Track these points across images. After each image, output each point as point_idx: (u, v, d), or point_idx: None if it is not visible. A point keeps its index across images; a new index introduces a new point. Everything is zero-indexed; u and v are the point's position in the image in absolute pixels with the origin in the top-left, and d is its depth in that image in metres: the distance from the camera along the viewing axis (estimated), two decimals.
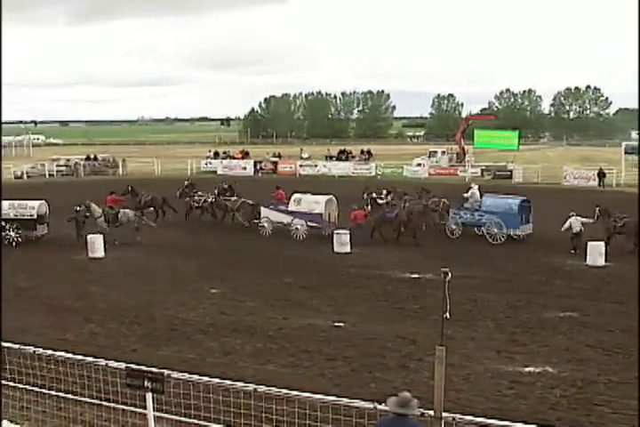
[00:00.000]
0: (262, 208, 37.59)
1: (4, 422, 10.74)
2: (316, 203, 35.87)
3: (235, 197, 40.55)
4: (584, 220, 31.13)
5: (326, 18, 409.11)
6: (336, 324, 20.14)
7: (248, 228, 37.13)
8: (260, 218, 37.09)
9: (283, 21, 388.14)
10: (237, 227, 37.70)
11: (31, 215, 33.86)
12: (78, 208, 34.06)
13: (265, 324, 20.27)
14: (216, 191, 42.31)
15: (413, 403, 8.82)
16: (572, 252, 30.23)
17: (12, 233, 33.04)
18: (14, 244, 32.86)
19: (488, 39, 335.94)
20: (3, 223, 33.00)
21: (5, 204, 33.63)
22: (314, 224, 35.22)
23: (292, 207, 36.26)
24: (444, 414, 9.11)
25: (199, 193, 41.87)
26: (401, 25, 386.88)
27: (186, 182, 45.29)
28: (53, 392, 13.21)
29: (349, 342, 18.49)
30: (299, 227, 35.31)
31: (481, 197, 35.53)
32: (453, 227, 34.95)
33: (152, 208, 40.48)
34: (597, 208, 32.05)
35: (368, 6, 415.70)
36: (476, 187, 37.01)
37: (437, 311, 20.17)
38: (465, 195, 36.24)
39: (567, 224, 30.91)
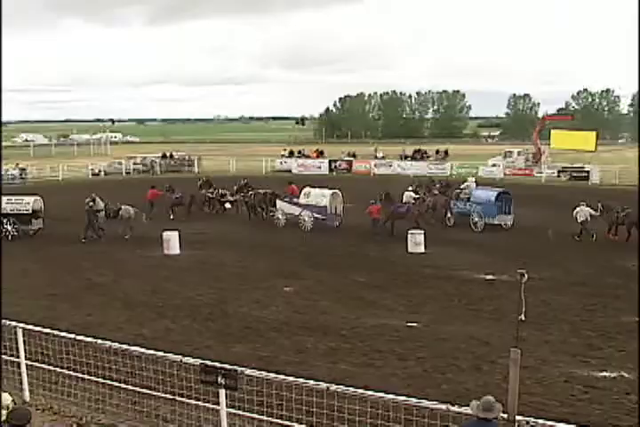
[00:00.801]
0: (278, 201, 39.79)
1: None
2: (322, 196, 38.17)
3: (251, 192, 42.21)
4: (592, 211, 33.49)
5: (402, 17, 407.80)
6: (409, 324, 20.04)
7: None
8: (275, 209, 39.46)
9: (359, 21, 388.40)
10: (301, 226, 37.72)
11: (27, 210, 34.92)
12: (91, 202, 34.78)
13: (338, 323, 20.26)
14: (235, 187, 44.35)
15: (497, 407, 8.74)
16: (577, 238, 33.06)
17: (8, 227, 34.29)
18: (10, 237, 33.92)
19: (566, 38, 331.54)
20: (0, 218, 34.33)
21: (4, 199, 34.88)
22: (319, 216, 37.41)
23: (301, 200, 38.58)
24: (517, 418, 9.02)
25: (220, 190, 43.62)
26: (477, 23, 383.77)
27: (200, 181, 46.70)
28: (129, 386, 13.41)
29: (422, 343, 18.38)
30: (306, 218, 37.48)
31: None
32: (449, 216, 38.19)
33: (181, 205, 42.39)
34: (600, 203, 34.11)
35: (443, 5, 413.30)
36: (473, 180, 42.10)
37: (511, 313, 19.98)
38: (461, 186, 40.42)
39: (574, 213, 33.57)
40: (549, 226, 33.55)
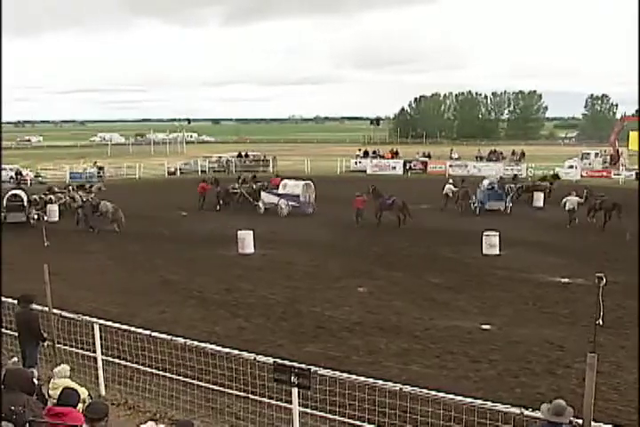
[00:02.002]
0: (262, 192, 44.95)
1: None
2: (295, 186, 43.39)
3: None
4: (579, 200, 38.26)
5: (478, 16, 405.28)
6: (482, 326, 19.89)
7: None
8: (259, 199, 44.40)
9: (434, 20, 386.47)
10: (381, 226, 37.64)
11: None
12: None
13: (411, 324, 20.19)
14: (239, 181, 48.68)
15: (568, 411, 8.62)
16: (567, 226, 37.05)
17: None
18: None
19: None
20: None
21: None
22: (294, 204, 42.59)
23: (280, 190, 43.83)
24: (592, 424, 8.89)
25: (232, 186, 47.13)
26: (554, 23, 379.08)
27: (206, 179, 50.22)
28: (202, 383, 13.54)
29: (495, 346, 18.22)
30: (282, 206, 42.59)
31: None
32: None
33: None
34: (585, 190, 39.98)
35: (519, 4, 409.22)
36: (489, 180, 45.60)
37: (587, 317, 19.84)
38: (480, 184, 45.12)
39: (562, 202, 38.42)
40: (627, 228, 33.04)
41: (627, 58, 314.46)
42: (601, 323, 19.55)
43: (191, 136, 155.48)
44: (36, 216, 36.69)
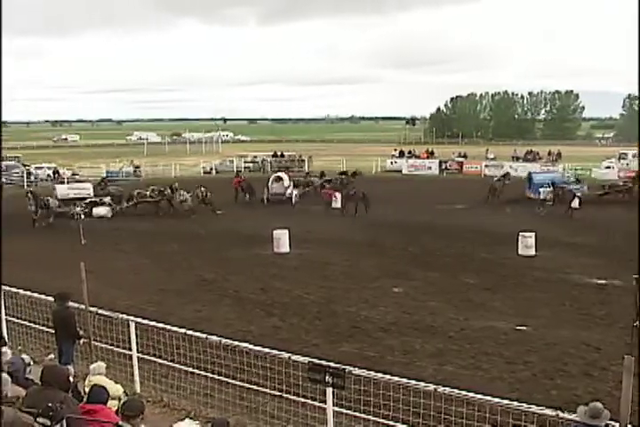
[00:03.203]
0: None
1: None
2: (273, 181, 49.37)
3: None
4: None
5: (515, 15, 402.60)
6: (518, 327, 19.77)
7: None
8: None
9: (470, 20, 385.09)
10: (416, 225, 37.53)
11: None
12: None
13: (446, 324, 20.12)
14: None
15: (605, 414, 8.55)
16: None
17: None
18: None
19: None
20: None
21: None
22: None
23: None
24: None
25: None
26: (592, 22, 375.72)
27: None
28: (236, 382, 13.58)
29: (531, 347, 18.10)
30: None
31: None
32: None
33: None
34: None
35: (557, 3, 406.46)
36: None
37: (624, 319, 19.70)
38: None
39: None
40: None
41: None
42: (638, 324, 19.43)
43: (227, 135, 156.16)
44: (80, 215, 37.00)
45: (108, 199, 42.54)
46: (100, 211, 41.14)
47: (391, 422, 11.66)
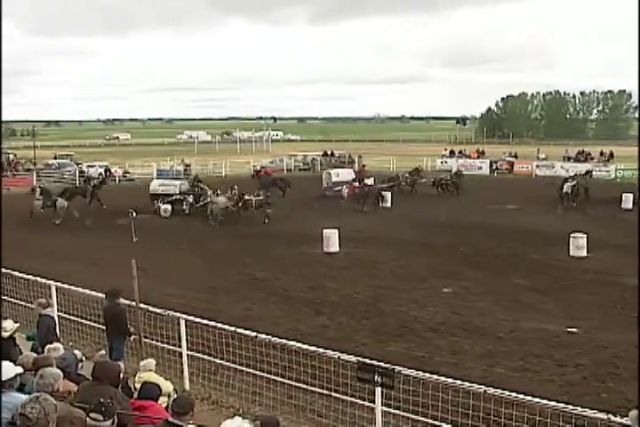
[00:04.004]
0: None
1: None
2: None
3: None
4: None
5: (566, 14, 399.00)
6: (569, 329, 19.59)
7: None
8: None
9: (522, 19, 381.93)
10: (467, 224, 37.34)
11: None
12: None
13: (495, 325, 20.00)
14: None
15: None
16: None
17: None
18: None
19: None
20: None
21: None
22: None
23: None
24: None
25: None
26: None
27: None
28: (285, 380, 13.61)
29: (581, 349, 17.93)
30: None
31: None
32: None
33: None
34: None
35: (610, 3, 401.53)
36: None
37: None
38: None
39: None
40: None
41: None
42: None
43: (277, 135, 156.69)
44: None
45: (190, 198, 42.51)
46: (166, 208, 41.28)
47: (440, 423, 11.60)
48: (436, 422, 11.63)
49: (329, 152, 77.63)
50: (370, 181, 51.24)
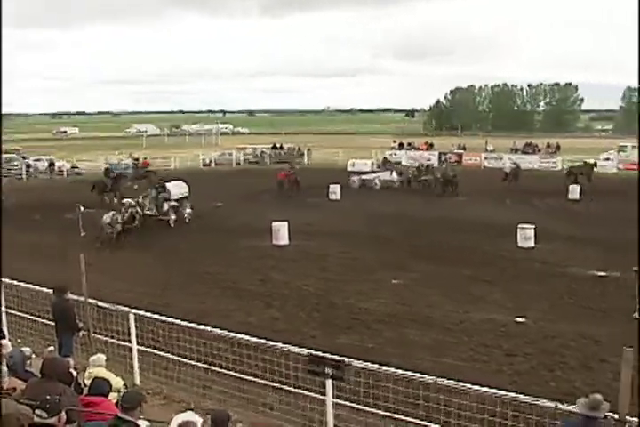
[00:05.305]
0: None
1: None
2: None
3: None
4: None
5: (515, 7, 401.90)
6: (517, 320, 19.81)
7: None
8: None
9: (470, 12, 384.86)
10: (417, 217, 37.51)
11: None
12: None
13: (444, 316, 20.14)
14: None
15: (604, 406, 8.56)
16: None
17: None
18: None
19: None
20: None
21: None
22: None
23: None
24: (628, 418, 8.83)
25: None
26: (591, 15, 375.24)
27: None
28: (236, 374, 13.59)
29: (530, 339, 18.14)
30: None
31: None
32: None
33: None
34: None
35: None
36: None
37: (623, 311, 19.79)
38: None
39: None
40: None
41: None
42: (637, 316, 19.48)
43: (226, 128, 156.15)
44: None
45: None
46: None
47: (391, 414, 11.66)
48: (387, 413, 11.69)
49: (278, 145, 77.47)
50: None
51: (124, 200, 33.71)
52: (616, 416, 8.77)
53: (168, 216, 35.79)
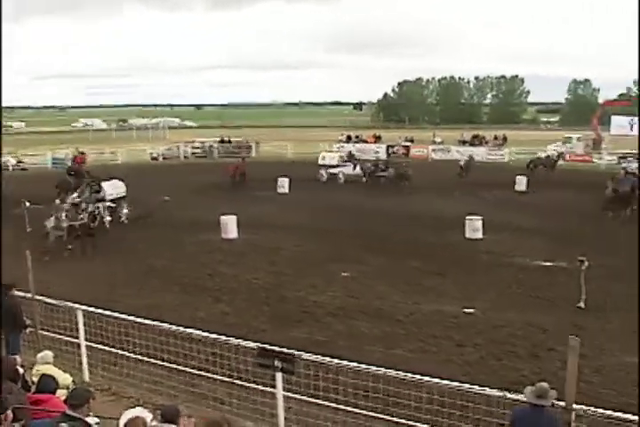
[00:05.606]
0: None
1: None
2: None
3: None
4: None
5: (461, 2, 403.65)
6: (466, 310, 19.96)
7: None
8: None
9: (417, 4, 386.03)
10: (366, 210, 37.61)
11: None
12: None
13: (394, 308, 20.24)
14: None
15: (551, 394, 8.68)
16: None
17: None
18: None
19: (628, 22, 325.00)
20: None
21: None
22: None
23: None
24: (574, 406, 8.95)
25: None
26: (538, 7, 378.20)
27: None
28: (186, 368, 13.54)
29: (479, 329, 18.31)
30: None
31: None
32: None
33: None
34: None
35: None
36: None
37: (570, 301, 20.05)
38: None
39: None
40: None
41: (611, 41, 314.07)
42: (583, 306, 19.76)
43: (174, 121, 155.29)
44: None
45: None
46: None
47: (341, 406, 11.69)
48: (338, 406, 11.71)
49: (226, 139, 77.15)
50: None
51: (56, 201, 30.32)
52: (563, 404, 8.89)
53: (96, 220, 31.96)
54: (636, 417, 8.94)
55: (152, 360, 13.98)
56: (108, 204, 34.15)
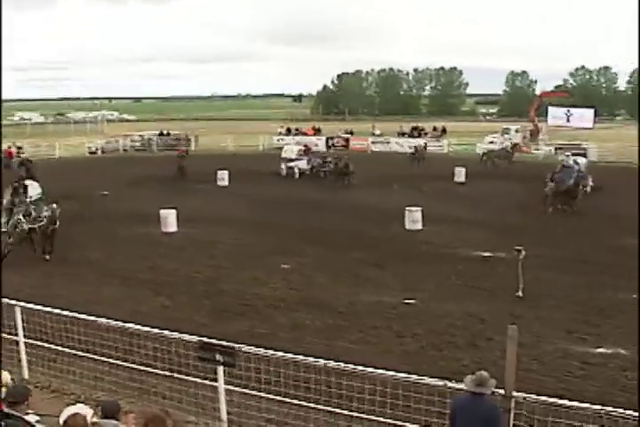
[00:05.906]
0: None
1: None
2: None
3: None
4: None
5: None
6: (406, 301, 20.08)
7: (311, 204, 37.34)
8: None
9: None
10: (306, 203, 37.65)
11: None
12: None
13: (335, 300, 20.29)
14: None
15: (491, 382, 8.81)
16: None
17: None
18: None
19: (563, 15, 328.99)
20: None
21: None
22: None
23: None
24: (514, 394, 9.08)
25: None
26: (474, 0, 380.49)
27: None
28: (127, 364, 13.44)
29: (419, 320, 18.42)
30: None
31: None
32: None
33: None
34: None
35: None
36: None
37: (507, 290, 20.33)
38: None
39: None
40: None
41: (548, 33, 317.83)
42: (521, 295, 20.02)
43: (112, 115, 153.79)
44: None
45: None
46: None
47: (284, 399, 11.71)
48: (280, 398, 11.73)
49: (165, 132, 76.65)
50: None
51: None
52: (502, 392, 9.02)
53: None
54: (572, 403, 9.12)
55: (93, 356, 13.85)
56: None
